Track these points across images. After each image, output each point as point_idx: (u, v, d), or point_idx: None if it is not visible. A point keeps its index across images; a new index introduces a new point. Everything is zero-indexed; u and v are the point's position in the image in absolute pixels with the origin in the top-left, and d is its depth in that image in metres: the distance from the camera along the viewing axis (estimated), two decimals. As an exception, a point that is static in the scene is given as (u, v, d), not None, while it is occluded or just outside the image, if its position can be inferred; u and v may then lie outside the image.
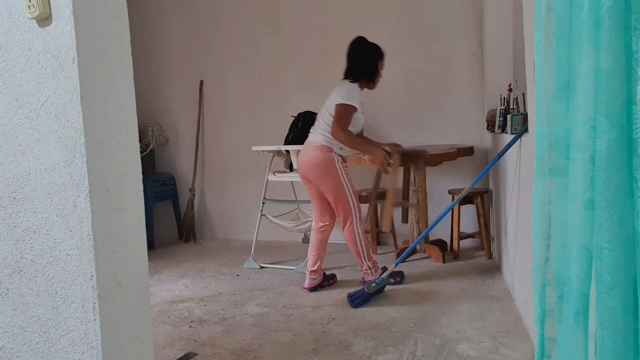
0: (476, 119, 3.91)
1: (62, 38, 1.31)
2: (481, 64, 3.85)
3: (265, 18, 4.38)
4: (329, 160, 2.84)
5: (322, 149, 2.85)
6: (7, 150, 1.45)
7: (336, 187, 2.85)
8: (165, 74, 4.75)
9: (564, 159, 1.25)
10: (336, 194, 2.86)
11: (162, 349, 2.25)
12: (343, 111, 2.80)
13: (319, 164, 2.85)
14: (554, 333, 1.41)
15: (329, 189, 2.88)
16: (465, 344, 2.15)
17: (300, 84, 4.32)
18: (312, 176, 2.90)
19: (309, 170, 2.90)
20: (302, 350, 2.18)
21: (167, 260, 3.92)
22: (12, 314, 1.50)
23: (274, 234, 4.28)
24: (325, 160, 2.84)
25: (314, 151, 2.87)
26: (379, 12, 4.04)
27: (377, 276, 2.90)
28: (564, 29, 1.19)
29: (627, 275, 0.98)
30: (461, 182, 3.87)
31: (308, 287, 3.02)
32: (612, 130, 0.97)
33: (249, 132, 4.47)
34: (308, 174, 2.92)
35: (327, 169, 2.84)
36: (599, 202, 1.00)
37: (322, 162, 2.84)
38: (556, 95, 1.24)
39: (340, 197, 2.87)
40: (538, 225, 1.40)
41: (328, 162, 2.84)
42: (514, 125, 2.64)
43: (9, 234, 1.48)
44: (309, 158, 2.89)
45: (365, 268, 2.97)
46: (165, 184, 4.60)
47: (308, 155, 2.90)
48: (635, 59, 0.93)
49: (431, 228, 3.07)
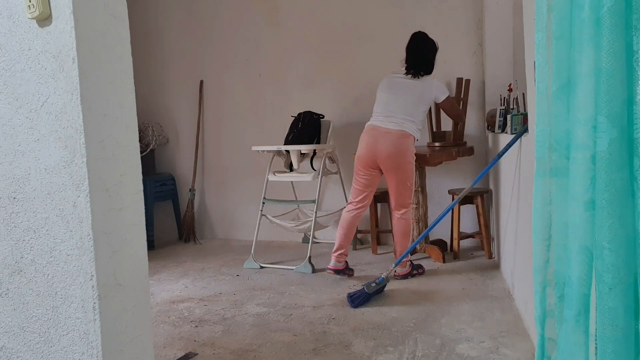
0: (476, 119, 3.90)
1: (62, 38, 1.31)
2: (481, 64, 3.85)
3: (265, 18, 4.37)
4: (411, 149, 3.02)
5: (408, 137, 3.00)
6: (7, 150, 1.45)
7: (409, 175, 3.02)
8: (165, 74, 4.75)
9: (564, 159, 1.24)
10: (406, 181, 3.02)
11: (162, 349, 2.24)
12: (452, 102, 3.23)
13: (406, 150, 2.99)
14: (554, 334, 1.41)
15: (401, 176, 3.01)
16: (465, 344, 2.15)
17: (300, 84, 4.32)
18: (392, 163, 2.99)
19: (391, 157, 2.97)
20: (302, 350, 2.18)
21: (167, 260, 3.92)
22: (12, 314, 1.50)
23: (274, 234, 4.28)
24: (411, 148, 3.02)
25: (399, 139, 2.98)
26: (379, 12, 4.04)
27: (408, 270, 3.11)
28: (565, 29, 1.19)
29: (628, 275, 0.98)
30: (461, 182, 3.87)
31: (333, 268, 3.12)
32: (612, 130, 0.97)
33: (249, 132, 4.47)
34: (387, 162, 2.99)
35: (410, 156, 3.02)
36: (599, 202, 1.00)
37: (409, 149, 3.00)
38: (556, 95, 1.24)
39: (407, 184, 3.03)
40: (538, 226, 1.40)
41: (412, 150, 3.03)
42: (514, 125, 2.64)
43: (9, 234, 1.48)
44: (393, 146, 2.97)
45: (407, 260, 3.10)
46: (165, 184, 4.60)
47: (391, 143, 2.97)
48: (636, 59, 0.92)
49: (431, 228, 3.07)
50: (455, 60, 3.89)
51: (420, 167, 3.48)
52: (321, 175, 3.60)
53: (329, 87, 4.21)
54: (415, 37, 3.10)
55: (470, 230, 3.79)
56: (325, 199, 4.30)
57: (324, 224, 3.78)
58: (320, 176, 3.59)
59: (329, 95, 4.18)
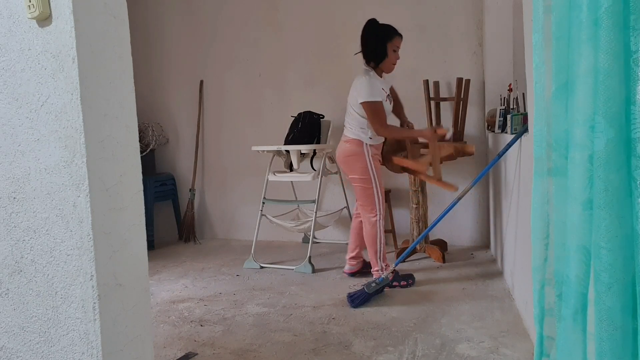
0: (476, 119, 3.91)
1: (62, 38, 1.32)
2: (481, 64, 3.85)
3: (265, 18, 4.38)
4: (358, 153, 2.91)
5: (352, 142, 2.94)
6: (7, 150, 1.45)
7: (363, 180, 2.92)
8: (165, 74, 4.75)
9: (562, 159, 1.25)
10: (363, 186, 2.93)
11: (162, 349, 2.25)
12: (373, 108, 2.83)
13: (348, 155, 2.95)
14: (553, 332, 1.41)
15: (356, 181, 2.95)
16: (465, 344, 2.15)
17: (300, 84, 4.32)
18: (343, 168, 3.04)
19: (341, 163, 3.03)
20: (302, 350, 2.18)
21: (167, 260, 3.92)
22: (12, 314, 1.50)
23: (274, 234, 4.28)
24: (354, 153, 2.92)
25: (344, 144, 2.98)
26: (379, 12, 4.04)
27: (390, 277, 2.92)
28: (563, 29, 1.19)
29: (626, 274, 0.98)
30: (461, 182, 3.87)
31: (347, 272, 3.19)
32: (610, 130, 0.97)
33: (249, 132, 4.47)
34: (341, 167, 3.07)
35: (356, 162, 2.92)
36: (597, 201, 1.01)
37: (351, 154, 2.93)
38: (555, 95, 1.25)
39: (367, 190, 2.93)
40: (537, 225, 1.40)
41: (357, 155, 2.91)
42: (514, 125, 2.64)
43: (9, 234, 1.48)
44: (340, 151, 3.02)
45: (377, 269, 2.98)
46: (165, 184, 4.60)
47: (340, 149, 3.03)
48: (634, 59, 0.93)
49: (431, 228, 3.08)
50: (455, 60, 3.90)
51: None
52: (321, 175, 3.61)
53: (329, 87, 4.21)
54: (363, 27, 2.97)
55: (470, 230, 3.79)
56: (325, 199, 4.30)
57: (324, 224, 3.78)
58: (320, 176, 3.59)
59: (329, 95, 4.18)
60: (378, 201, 2.91)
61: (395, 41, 2.92)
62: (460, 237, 3.97)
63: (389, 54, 2.91)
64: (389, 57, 2.92)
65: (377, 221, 2.93)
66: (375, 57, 2.92)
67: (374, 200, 2.91)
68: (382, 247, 2.96)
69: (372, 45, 2.91)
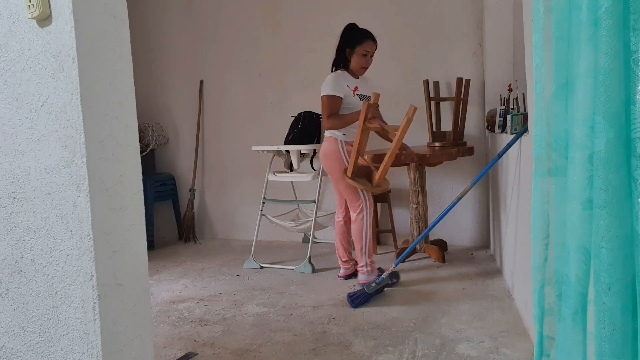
0: (476, 119, 3.91)
1: (62, 38, 1.32)
2: (481, 64, 3.85)
3: (265, 18, 4.38)
4: (334, 151, 2.98)
5: (328, 140, 3.03)
6: (7, 150, 1.45)
7: (343, 177, 2.92)
8: (165, 74, 4.75)
9: (562, 158, 1.25)
10: (344, 183, 2.93)
11: (162, 349, 2.25)
12: (324, 101, 2.97)
13: (325, 155, 3.03)
14: (553, 332, 1.41)
15: (337, 179, 2.98)
16: (465, 344, 2.15)
17: (300, 84, 4.32)
18: (324, 168, 3.09)
19: (322, 163, 3.10)
20: (302, 350, 2.19)
21: (167, 260, 3.92)
22: (12, 314, 1.50)
23: (274, 234, 4.28)
24: (331, 151, 2.99)
25: (324, 143, 3.08)
26: (379, 12, 4.04)
27: (373, 277, 2.92)
28: (563, 29, 1.19)
29: (626, 274, 0.98)
30: (461, 182, 3.87)
31: (343, 275, 3.19)
32: (610, 130, 0.97)
33: (249, 132, 4.47)
34: (323, 168, 3.12)
35: (333, 159, 2.98)
36: (597, 201, 1.01)
37: (327, 152, 3.01)
38: (555, 95, 1.25)
39: (348, 186, 2.93)
40: (537, 225, 1.40)
41: (333, 152, 2.98)
42: (514, 125, 2.64)
43: (9, 234, 1.48)
44: (320, 151, 3.10)
45: (362, 264, 2.99)
46: (165, 184, 4.60)
47: (320, 149, 3.11)
48: (634, 59, 0.93)
49: (431, 228, 3.07)
50: (455, 60, 3.90)
51: (421, 167, 3.48)
52: (321, 175, 3.60)
53: (329, 87, 4.20)
54: None
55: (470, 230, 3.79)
56: (325, 199, 4.30)
57: (324, 224, 3.78)
58: (320, 176, 3.59)
59: (329, 96, 4.17)
60: (363, 195, 2.94)
61: (366, 45, 2.97)
62: (460, 237, 3.97)
63: (354, 58, 2.98)
64: (355, 61, 2.99)
65: (364, 217, 2.95)
66: (338, 59, 3.05)
67: (359, 196, 2.94)
68: (368, 242, 2.98)
69: (337, 50, 3.05)
